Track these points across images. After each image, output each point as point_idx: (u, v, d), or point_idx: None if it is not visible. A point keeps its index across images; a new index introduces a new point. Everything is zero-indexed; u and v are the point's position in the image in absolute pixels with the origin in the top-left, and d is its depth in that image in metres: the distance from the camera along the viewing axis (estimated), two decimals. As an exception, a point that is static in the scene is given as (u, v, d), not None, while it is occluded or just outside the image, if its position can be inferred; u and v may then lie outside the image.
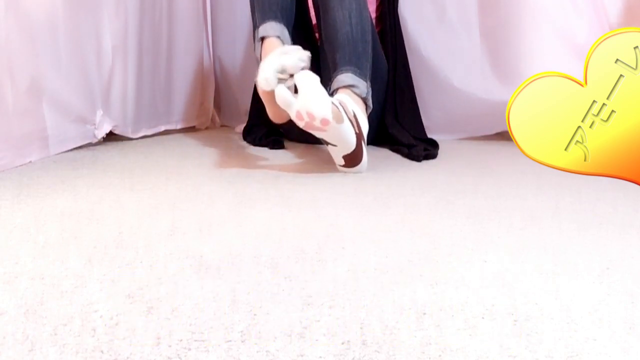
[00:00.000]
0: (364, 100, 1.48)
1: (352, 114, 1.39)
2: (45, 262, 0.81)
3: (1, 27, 1.35)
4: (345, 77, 1.48)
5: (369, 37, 1.56)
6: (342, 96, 1.43)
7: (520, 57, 1.86)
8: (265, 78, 1.35)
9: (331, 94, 1.48)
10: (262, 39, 1.50)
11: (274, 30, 1.50)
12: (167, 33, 1.95)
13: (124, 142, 1.76)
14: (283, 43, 1.48)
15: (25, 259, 0.82)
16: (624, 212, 1.10)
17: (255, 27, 1.55)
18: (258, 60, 1.50)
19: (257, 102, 1.90)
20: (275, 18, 1.52)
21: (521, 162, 0.86)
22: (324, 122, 1.28)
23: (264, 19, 1.53)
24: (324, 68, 1.61)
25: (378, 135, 1.77)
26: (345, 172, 1.41)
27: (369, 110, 1.50)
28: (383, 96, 1.79)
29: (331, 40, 1.54)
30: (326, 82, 1.52)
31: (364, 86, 1.48)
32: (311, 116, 1.27)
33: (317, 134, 1.34)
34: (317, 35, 1.75)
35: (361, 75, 1.49)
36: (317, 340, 0.61)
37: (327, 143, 1.38)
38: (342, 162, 1.40)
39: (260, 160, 1.58)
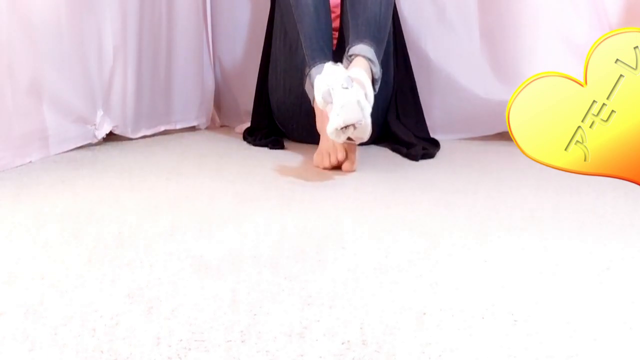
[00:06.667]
0: (373, 82, 1.44)
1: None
2: (45, 262, 0.81)
3: (2, 27, 1.35)
4: (367, 49, 1.44)
5: (387, 35, 1.54)
6: (358, 71, 1.39)
7: (520, 57, 1.85)
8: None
9: (349, 57, 1.46)
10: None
11: None
12: (167, 33, 1.95)
13: (124, 142, 1.76)
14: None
15: (25, 259, 0.82)
16: (624, 212, 1.10)
17: (305, 57, 1.56)
18: (310, 96, 1.53)
19: (259, 105, 1.90)
20: (325, 58, 1.53)
21: (521, 162, 0.86)
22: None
23: (314, 59, 1.54)
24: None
25: (380, 133, 1.77)
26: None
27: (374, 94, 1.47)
28: (388, 101, 1.78)
29: (357, 12, 1.50)
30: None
31: (378, 69, 1.45)
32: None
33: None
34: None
35: (378, 57, 1.47)
36: (317, 340, 0.61)
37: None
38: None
39: (260, 160, 1.58)
